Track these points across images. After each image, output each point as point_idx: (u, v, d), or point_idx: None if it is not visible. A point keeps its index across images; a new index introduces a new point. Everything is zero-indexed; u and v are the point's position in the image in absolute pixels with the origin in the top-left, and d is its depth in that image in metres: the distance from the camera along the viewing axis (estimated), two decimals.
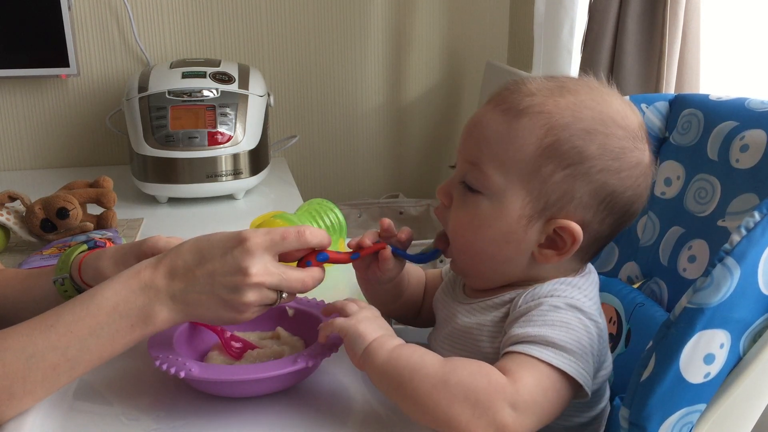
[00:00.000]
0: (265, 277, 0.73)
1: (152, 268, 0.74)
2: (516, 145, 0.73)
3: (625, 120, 0.74)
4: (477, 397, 0.65)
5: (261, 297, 0.73)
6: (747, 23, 1.41)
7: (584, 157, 0.72)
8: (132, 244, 0.88)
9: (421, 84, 2.14)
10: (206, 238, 0.76)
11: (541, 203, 0.73)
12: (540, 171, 0.72)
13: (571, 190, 0.73)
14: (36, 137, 1.95)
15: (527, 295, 0.74)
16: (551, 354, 0.68)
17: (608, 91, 0.76)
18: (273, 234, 0.74)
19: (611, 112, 0.74)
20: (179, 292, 0.73)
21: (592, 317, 0.73)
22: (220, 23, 1.96)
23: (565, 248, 0.74)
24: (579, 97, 0.74)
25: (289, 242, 0.74)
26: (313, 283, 0.77)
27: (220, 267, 0.73)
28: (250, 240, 0.73)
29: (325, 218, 1.09)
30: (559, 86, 0.75)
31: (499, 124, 0.74)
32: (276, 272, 0.74)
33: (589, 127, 0.72)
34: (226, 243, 0.74)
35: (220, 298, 0.73)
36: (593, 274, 0.80)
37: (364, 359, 0.71)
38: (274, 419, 0.73)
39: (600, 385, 0.78)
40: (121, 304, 0.72)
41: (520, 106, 0.73)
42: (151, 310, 0.73)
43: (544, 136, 0.72)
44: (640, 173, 0.75)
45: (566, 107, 0.73)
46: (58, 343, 0.70)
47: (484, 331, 0.77)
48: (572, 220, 0.73)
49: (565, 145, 0.72)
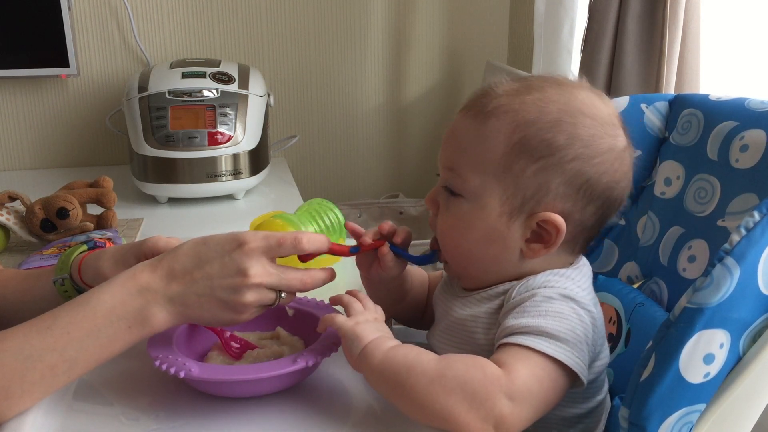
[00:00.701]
0: (264, 277, 0.73)
1: (150, 271, 0.75)
2: (487, 146, 0.75)
3: (592, 109, 0.75)
4: (473, 389, 0.65)
5: (260, 297, 0.74)
6: (747, 23, 1.41)
7: (554, 148, 0.73)
8: (132, 245, 0.88)
9: (421, 84, 2.14)
10: (203, 240, 0.76)
11: (519, 199, 0.75)
12: (512, 168, 0.74)
13: (545, 182, 0.74)
14: (36, 137, 1.95)
15: (521, 286, 0.75)
16: (545, 343, 0.69)
17: (576, 84, 0.78)
18: (270, 239, 0.74)
19: (577, 103, 0.75)
20: (177, 294, 0.73)
21: (586, 307, 0.74)
22: (220, 23, 1.96)
23: (551, 240, 0.75)
24: (544, 93, 0.75)
25: (285, 248, 0.75)
26: (313, 282, 0.77)
27: (219, 269, 0.73)
28: (249, 243, 0.74)
29: (325, 218, 1.09)
30: (526, 85, 0.76)
31: (470, 129, 0.76)
32: (275, 272, 0.74)
33: (556, 118, 0.74)
34: (224, 246, 0.74)
35: (219, 300, 0.73)
36: (586, 267, 0.81)
37: (360, 360, 0.71)
38: (273, 419, 0.73)
39: (596, 375, 0.78)
40: (118, 306, 0.72)
41: (487, 109, 0.75)
42: (148, 312, 0.73)
43: (512, 134, 0.74)
44: (614, 158, 0.76)
45: (532, 103, 0.74)
46: (56, 345, 0.70)
47: (479, 323, 0.77)
48: (553, 211, 0.74)
49: (534, 140, 0.73)
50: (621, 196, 0.78)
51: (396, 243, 0.83)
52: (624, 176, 0.78)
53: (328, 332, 0.78)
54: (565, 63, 1.67)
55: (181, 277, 0.74)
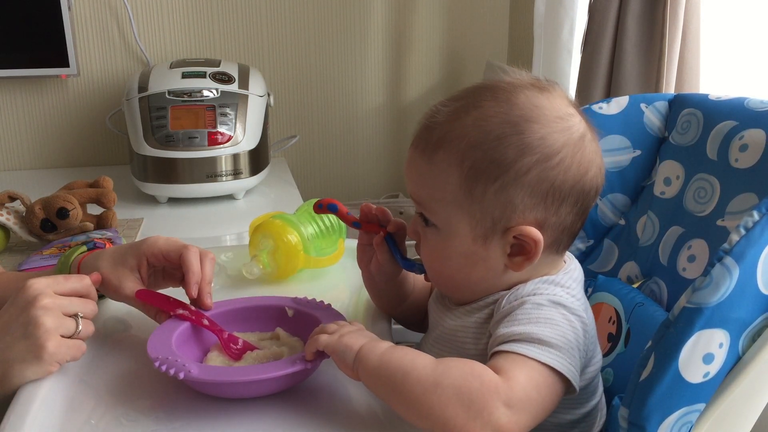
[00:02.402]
0: (52, 298, 0.76)
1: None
2: (441, 179, 0.74)
3: (534, 111, 0.73)
4: (470, 399, 0.65)
5: (57, 321, 0.76)
6: (747, 23, 1.41)
7: (506, 165, 0.72)
8: (131, 245, 0.89)
9: (421, 84, 2.14)
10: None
11: (488, 221, 0.74)
12: (473, 193, 0.73)
13: (509, 199, 0.73)
14: (36, 137, 1.95)
15: (510, 295, 0.75)
16: (537, 350, 0.68)
17: (514, 86, 0.76)
18: (53, 278, 0.79)
19: (517, 110, 0.73)
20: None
21: (576, 312, 0.73)
22: (220, 23, 1.96)
23: (532, 251, 0.74)
24: (482, 110, 0.73)
25: (71, 283, 0.79)
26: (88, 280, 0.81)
27: (12, 311, 0.76)
28: (30, 282, 0.77)
29: (324, 218, 1.09)
30: (464, 105, 0.75)
31: (422, 165, 0.76)
32: (62, 294, 0.78)
33: (499, 134, 0.72)
34: (12, 299, 0.78)
35: (18, 334, 0.75)
36: (577, 271, 0.80)
37: (356, 368, 0.71)
38: (273, 420, 0.73)
39: (589, 381, 0.78)
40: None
41: (432, 141, 0.75)
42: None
43: (462, 162, 0.73)
44: (573, 151, 0.74)
45: (472, 125, 0.73)
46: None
47: (469, 333, 0.78)
48: (526, 224, 0.73)
49: (484, 162, 0.72)
50: (594, 184, 0.76)
51: (390, 231, 0.84)
52: (591, 164, 0.75)
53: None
54: (565, 63, 1.66)
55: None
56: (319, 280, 1.07)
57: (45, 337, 0.74)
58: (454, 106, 0.75)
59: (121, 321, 0.93)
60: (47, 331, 0.75)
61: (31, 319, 0.75)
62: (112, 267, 0.86)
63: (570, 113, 0.75)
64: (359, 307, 0.96)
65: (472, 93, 0.76)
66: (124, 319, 0.93)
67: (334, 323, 0.77)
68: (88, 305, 0.80)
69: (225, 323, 0.85)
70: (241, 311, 0.88)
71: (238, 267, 1.05)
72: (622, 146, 1.01)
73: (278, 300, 0.89)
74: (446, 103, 0.76)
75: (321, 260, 1.07)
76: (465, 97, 0.76)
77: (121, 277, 0.86)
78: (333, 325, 0.76)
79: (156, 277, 0.90)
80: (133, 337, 0.90)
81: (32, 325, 0.74)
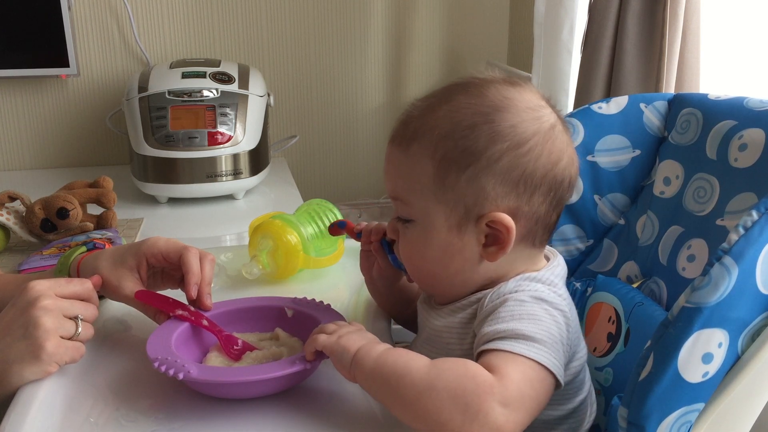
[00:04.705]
0: (53, 299, 0.77)
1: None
2: (417, 170, 0.76)
3: (504, 101, 0.75)
4: (466, 401, 0.65)
5: (57, 322, 0.76)
6: (747, 23, 1.41)
7: (477, 152, 0.74)
8: (130, 245, 0.89)
9: (421, 84, 2.14)
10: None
11: (461, 209, 0.75)
12: (446, 183, 0.75)
13: (481, 187, 0.74)
14: (36, 137, 1.96)
15: (492, 294, 0.75)
16: (523, 346, 0.69)
17: (485, 81, 0.78)
18: (55, 280, 0.80)
19: (487, 101, 0.75)
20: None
21: (558, 307, 0.74)
22: (220, 23, 1.96)
23: (505, 240, 0.75)
24: (453, 103, 0.76)
25: (73, 286, 0.80)
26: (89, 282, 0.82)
27: (13, 312, 0.77)
28: (32, 284, 0.78)
29: (324, 218, 1.09)
30: (437, 100, 0.77)
31: (399, 158, 0.78)
32: (63, 297, 0.78)
33: (470, 123, 0.74)
34: (13, 300, 0.78)
35: (18, 335, 0.75)
36: (560, 267, 0.81)
37: (353, 370, 0.71)
38: (273, 420, 0.73)
39: (574, 376, 0.78)
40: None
41: (407, 134, 0.77)
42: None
43: (435, 152, 0.75)
44: (543, 140, 0.75)
45: (444, 117, 0.75)
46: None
47: (453, 333, 0.78)
48: (499, 211, 0.74)
49: (455, 151, 0.74)
50: (566, 174, 0.77)
51: (386, 232, 0.85)
52: (561, 153, 0.76)
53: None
54: (565, 63, 1.67)
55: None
56: (319, 281, 1.07)
57: (44, 338, 0.75)
58: (429, 102, 0.78)
59: (121, 321, 0.93)
60: (47, 332, 0.75)
61: (31, 319, 0.75)
62: (112, 267, 0.86)
63: (541, 105, 0.77)
64: (359, 307, 0.96)
65: (446, 89, 0.79)
66: (123, 320, 0.93)
67: (333, 323, 0.77)
68: (89, 309, 0.80)
69: (224, 324, 0.85)
70: (240, 312, 0.88)
71: (237, 267, 1.05)
72: (621, 146, 1.01)
73: (278, 300, 0.89)
74: (422, 99, 0.79)
75: (320, 260, 1.07)
76: (439, 93, 0.79)
77: (121, 277, 0.86)
78: (332, 325, 0.77)
79: (155, 278, 0.90)
80: (132, 337, 0.90)
81: (32, 326, 0.75)
